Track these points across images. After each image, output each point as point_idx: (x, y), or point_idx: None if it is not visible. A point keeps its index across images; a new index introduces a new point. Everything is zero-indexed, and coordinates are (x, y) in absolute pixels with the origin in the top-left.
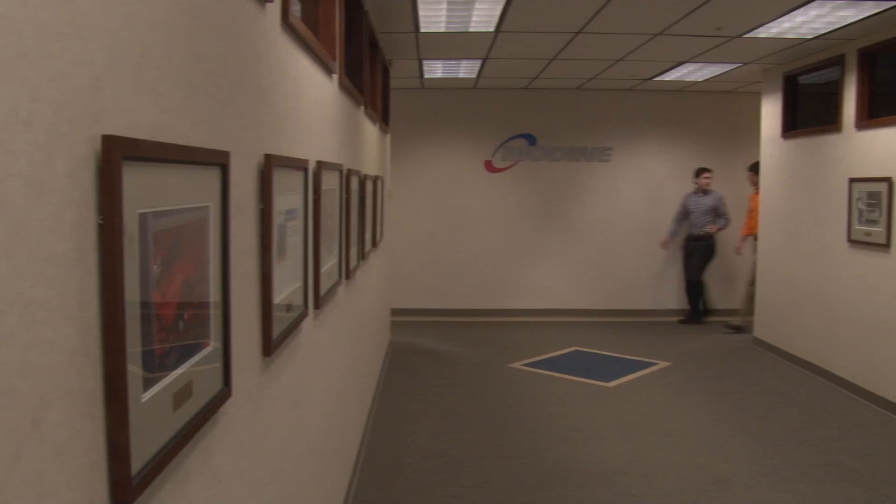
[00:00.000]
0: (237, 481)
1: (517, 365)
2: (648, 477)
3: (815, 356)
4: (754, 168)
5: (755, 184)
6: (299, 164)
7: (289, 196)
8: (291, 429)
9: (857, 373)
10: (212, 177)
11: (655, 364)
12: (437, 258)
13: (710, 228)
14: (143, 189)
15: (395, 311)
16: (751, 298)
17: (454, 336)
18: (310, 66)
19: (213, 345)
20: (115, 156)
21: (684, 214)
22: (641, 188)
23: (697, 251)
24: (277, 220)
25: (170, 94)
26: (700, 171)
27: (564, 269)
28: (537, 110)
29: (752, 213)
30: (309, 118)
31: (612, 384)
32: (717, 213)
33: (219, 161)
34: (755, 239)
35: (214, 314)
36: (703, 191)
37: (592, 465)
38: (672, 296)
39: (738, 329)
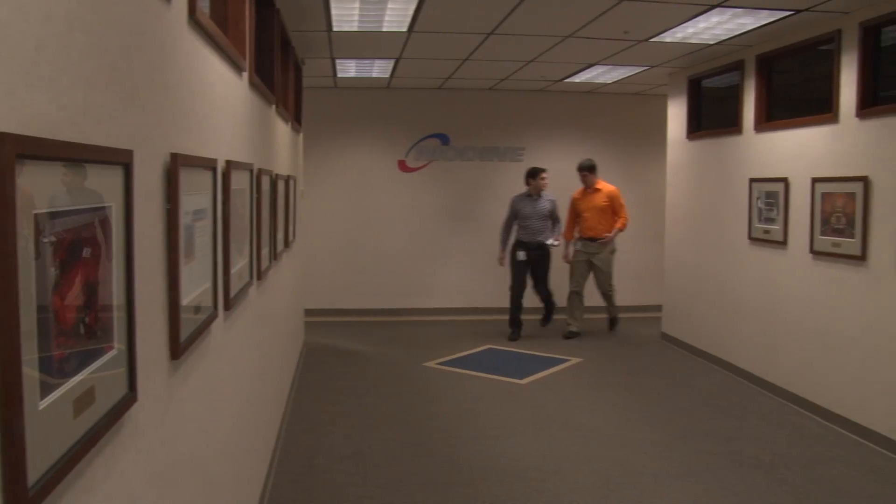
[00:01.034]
0: (145, 487)
1: (432, 364)
2: (561, 472)
3: (719, 349)
4: (588, 167)
5: (591, 184)
6: (207, 164)
7: (197, 196)
8: (202, 432)
9: (757, 364)
10: (114, 176)
11: (567, 360)
12: (351, 258)
13: (555, 240)
14: (38, 189)
15: (310, 312)
16: (606, 297)
17: (369, 336)
18: (218, 63)
19: (118, 348)
20: (8, 154)
21: (516, 221)
22: (553, 188)
23: (540, 261)
24: (185, 220)
25: (68, 91)
26: (537, 172)
27: (478, 267)
28: (450, 110)
29: (587, 215)
30: (218, 117)
31: (524, 381)
32: (553, 218)
33: (121, 160)
34: (584, 241)
35: (118, 317)
36: (538, 194)
37: (506, 462)
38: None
39: (574, 335)
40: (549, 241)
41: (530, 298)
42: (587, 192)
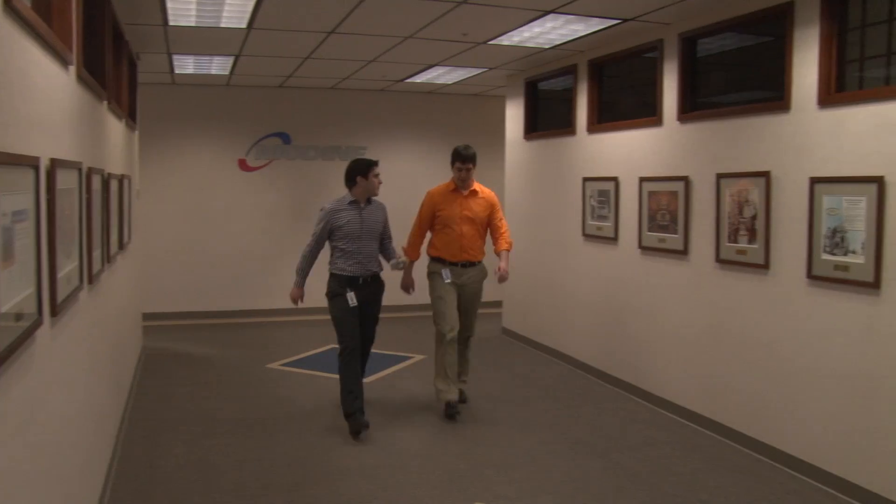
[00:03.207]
0: None
1: (275, 365)
2: (406, 467)
3: (557, 342)
4: (473, 158)
5: (467, 183)
6: (28, 162)
7: (16, 196)
8: (27, 447)
9: (592, 355)
10: None
11: (411, 358)
12: (192, 259)
13: (399, 257)
14: None
15: (149, 316)
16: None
17: (211, 338)
18: (41, 55)
19: None
20: None
21: (334, 244)
22: (394, 187)
23: (373, 304)
24: (2, 221)
25: None
26: (368, 166)
27: (321, 267)
28: (292, 109)
29: (460, 229)
30: (40, 112)
31: (368, 379)
32: (386, 235)
33: None
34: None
35: None
36: (367, 199)
37: (351, 460)
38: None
39: (455, 411)
40: (396, 261)
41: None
42: (458, 193)
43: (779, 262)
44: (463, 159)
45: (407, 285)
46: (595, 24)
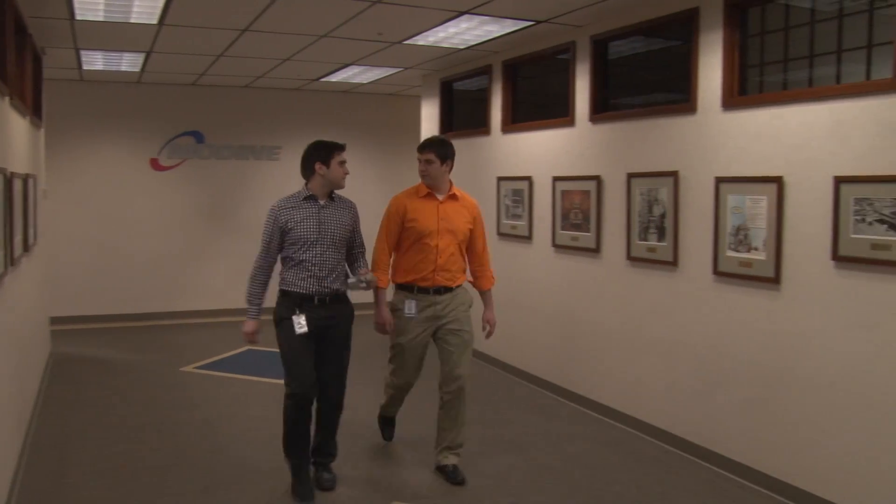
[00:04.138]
0: None
1: (190, 368)
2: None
3: (477, 343)
4: (452, 155)
5: (443, 185)
6: None
7: None
8: None
9: (506, 353)
10: None
11: None
12: (103, 261)
13: (363, 276)
14: None
15: (59, 320)
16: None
17: (123, 342)
18: None
19: None
20: None
21: (288, 254)
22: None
23: (336, 330)
24: None
25: None
26: (331, 149)
27: (236, 267)
28: (205, 107)
29: (438, 243)
30: None
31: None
32: (357, 243)
33: None
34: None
35: None
36: (328, 196)
37: (269, 462)
38: None
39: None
40: (361, 278)
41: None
42: (432, 199)
43: (687, 259)
44: (421, 147)
45: (384, 321)
46: (509, 26)
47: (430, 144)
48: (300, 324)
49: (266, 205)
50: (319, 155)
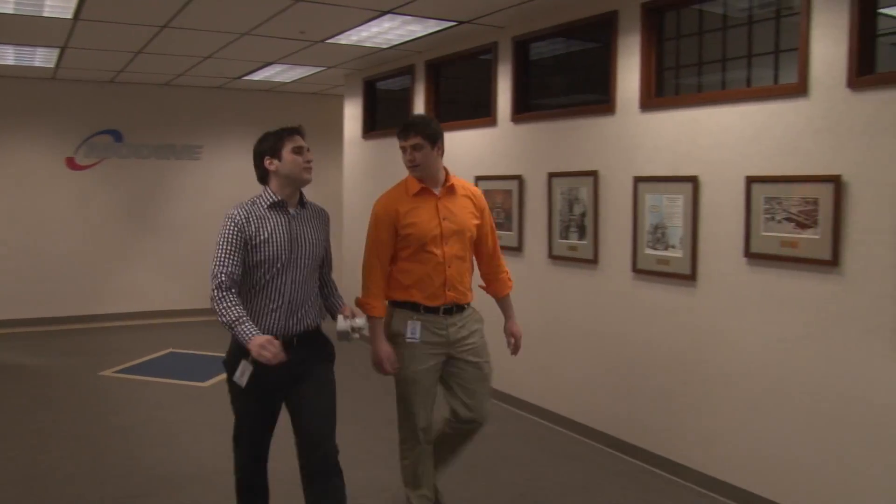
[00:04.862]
0: None
1: (108, 373)
2: None
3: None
4: (440, 135)
5: (437, 176)
6: None
7: None
8: None
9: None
10: None
11: None
12: (18, 263)
13: (352, 316)
14: None
15: None
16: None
17: (39, 347)
18: None
19: None
20: None
21: (253, 279)
22: (233, 186)
23: (313, 377)
24: None
25: None
26: (278, 139)
27: (158, 269)
28: (124, 105)
29: (442, 250)
30: None
31: (207, 384)
32: (327, 263)
33: None
34: None
35: None
36: (298, 202)
37: (191, 467)
38: None
39: None
40: (351, 324)
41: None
42: (428, 195)
43: (607, 257)
44: (402, 131)
45: (383, 358)
46: (432, 26)
47: (413, 125)
48: (243, 374)
49: (188, 204)
50: (265, 148)
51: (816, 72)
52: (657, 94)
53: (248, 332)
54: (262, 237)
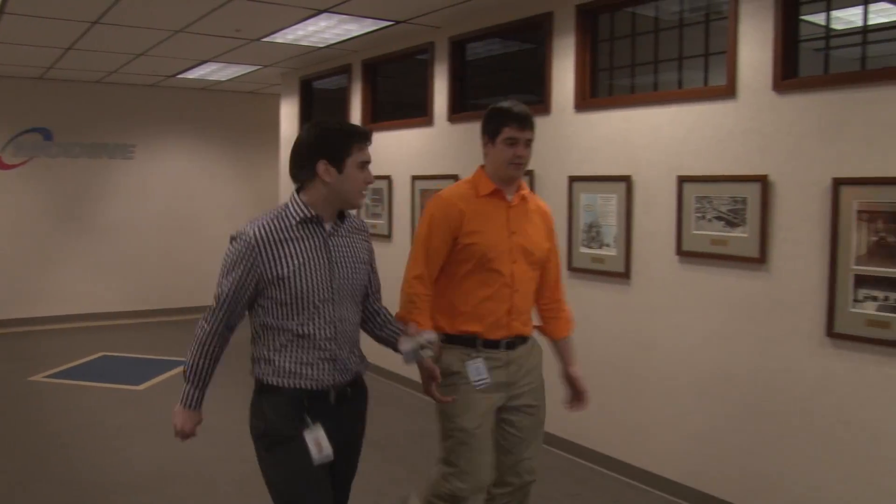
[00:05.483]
0: None
1: (39, 377)
2: (187, 476)
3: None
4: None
5: (513, 179)
6: None
7: None
8: None
9: (368, 350)
10: None
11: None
12: None
13: (417, 332)
14: None
15: None
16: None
17: None
18: None
19: None
20: None
21: (277, 316)
22: (167, 186)
23: (356, 421)
24: None
25: None
26: (349, 139)
27: (90, 271)
28: (53, 103)
29: (510, 269)
30: None
31: (142, 387)
32: (374, 284)
33: None
34: None
35: None
36: (340, 215)
37: (127, 473)
38: (200, 290)
39: None
40: (419, 341)
41: None
42: (500, 200)
43: None
44: (520, 121)
45: (433, 387)
46: (368, 25)
47: (531, 116)
48: (320, 445)
49: (122, 204)
50: (328, 148)
51: (744, 75)
52: (591, 95)
53: (187, 398)
54: (289, 267)
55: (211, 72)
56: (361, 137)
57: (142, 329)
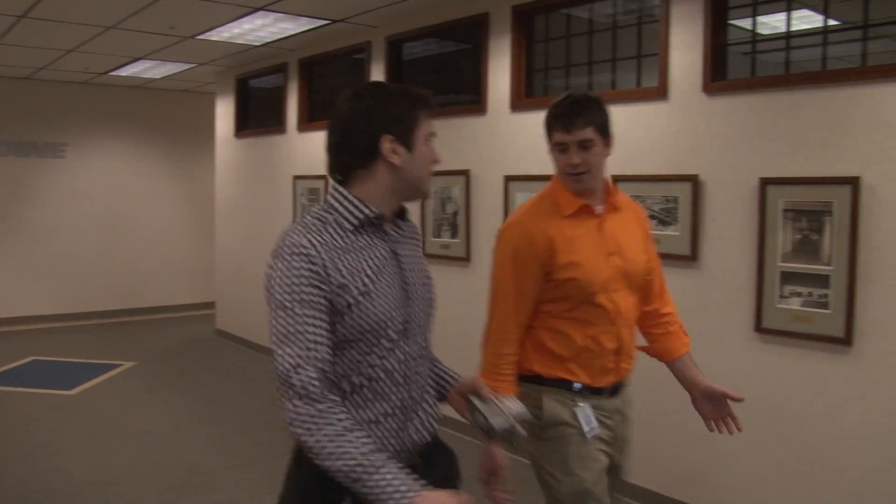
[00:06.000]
0: None
1: None
2: (120, 482)
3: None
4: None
5: (599, 186)
6: None
7: None
8: None
9: None
10: None
11: (121, 365)
12: None
13: (511, 403)
14: None
15: None
16: None
17: None
18: None
19: None
20: None
21: (345, 350)
22: (100, 186)
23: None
24: None
25: None
26: (413, 107)
27: (20, 273)
28: None
29: (613, 300)
30: None
31: (74, 392)
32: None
33: None
34: None
35: None
36: (401, 212)
37: (58, 481)
38: (134, 292)
39: None
40: (511, 412)
41: None
42: (588, 217)
43: (478, 255)
44: (564, 120)
45: (497, 462)
46: (305, 24)
47: (584, 107)
48: None
49: (53, 205)
50: (393, 120)
51: (675, 77)
52: (527, 95)
53: (403, 484)
54: (361, 286)
55: (144, 69)
56: (425, 101)
57: (73, 332)
